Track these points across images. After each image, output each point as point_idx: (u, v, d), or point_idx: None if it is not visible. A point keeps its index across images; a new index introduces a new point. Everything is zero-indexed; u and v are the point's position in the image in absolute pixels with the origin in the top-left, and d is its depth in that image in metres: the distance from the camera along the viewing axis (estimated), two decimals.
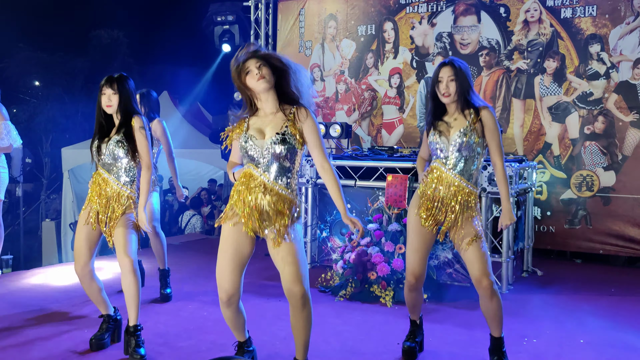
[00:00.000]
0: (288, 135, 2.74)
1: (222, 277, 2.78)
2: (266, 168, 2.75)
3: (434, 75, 3.15)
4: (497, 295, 3.08)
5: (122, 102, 3.37)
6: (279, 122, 2.77)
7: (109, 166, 3.37)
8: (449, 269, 5.08)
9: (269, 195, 2.73)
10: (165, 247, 4.61)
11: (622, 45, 6.23)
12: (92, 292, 3.46)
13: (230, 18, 8.36)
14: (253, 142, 2.76)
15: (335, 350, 3.49)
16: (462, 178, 3.10)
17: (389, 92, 7.50)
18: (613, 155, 6.26)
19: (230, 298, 2.80)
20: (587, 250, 6.36)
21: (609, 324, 4.11)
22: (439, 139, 3.13)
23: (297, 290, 2.69)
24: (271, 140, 2.73)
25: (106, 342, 3.47)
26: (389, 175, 5.09)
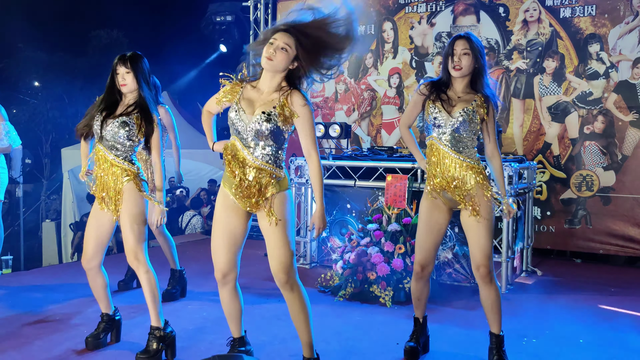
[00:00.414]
0: (274, 115, 2.70)
1: (216, 256, 2.84)
2: (249, 144, 2.74)
3: (447, 47, 3.07)
4: (496, 285, 3.08)
5: (140, 82, 3.29)
6: (271, 101, 2.74)
7: (110, 144, 3.28)
8: (448, 268, 5.07)
9: (252, 171, 2.74)
10: (174, 247, 4.60)
11: (621, 45, 6.23)
12: (96, 287, 3.42)
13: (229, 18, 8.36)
14: (240, 116, 2.74)
15: (334, 350, 3.49)
16: (459, 154, 3.06)
17: (389, 92, 7.50)
18: (613, 155, 6.26)
19: (225, 276, 2.84)
20: (587, 250, 6.36)
21: (609, 324, 4.10)
22: (439, 113, 3.06)
23: (281, 277, 2.74)
24: (257, 117, 2.71)
25: (102, 341, 3.46)
26: (388, 175, 5.09)
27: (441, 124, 3.07)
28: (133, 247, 3.25)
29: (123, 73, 3.29)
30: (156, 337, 3.27)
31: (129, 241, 3.26)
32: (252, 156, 2.74)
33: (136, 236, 3.26)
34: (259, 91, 2.79)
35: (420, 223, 3.20)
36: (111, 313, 3.53)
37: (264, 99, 2.75)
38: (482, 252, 3.04)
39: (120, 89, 3.31)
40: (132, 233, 3.25)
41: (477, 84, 3.07)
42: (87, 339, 3.44)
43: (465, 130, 3.05)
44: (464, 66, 3.01)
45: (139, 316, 4.06)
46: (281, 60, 2.68)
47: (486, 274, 3.05)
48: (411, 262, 4.60)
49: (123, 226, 3.28)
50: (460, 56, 3.00)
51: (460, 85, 3.09)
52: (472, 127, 3.06)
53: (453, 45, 3.03)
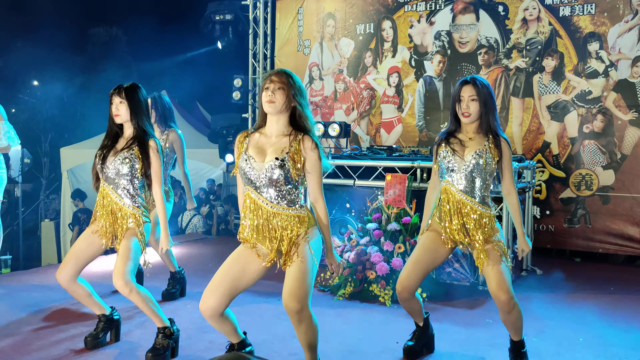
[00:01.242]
0: (287, 161, 2.69)
1: (208, 292, 2.74)
2: (264, 191, 2.73)
3: (455, 93, 3.09)
4: (517, 308, 3.00)
5: (133, 113, 3.30)
6: (281, 146, 2.72)
7: (112, 180, 3.29)
8: (448, 267, 5.07)
9: (272, 218, 2.73)
10: (171, 253, 4.60)
11: (620, 44, 6.23)
12: (80, 297, 3.40)
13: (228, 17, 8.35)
14: (251, 164, 2.73)
15: (334, 350, 3.49)
16: (472, 199, 3.06)
17: (388, 91, 7.50)
18: (612, 154, 6.26)
19: (205, 312, 2.74)
20: (586, 249, 6.36)
21: (608, 323, 4.11)
22: (451, 157, 3.08)
23: (292, 307, 2.61)
24: (270, 164, 2.69)
25: (101, 340, 3.46)
26: (388, 174, 5.09)
27: (455, 167, 3.07)
28: (122, 277, 3.17)
29: (117, 103, 3.31)
30: (165, 335, 3.29)
31: (119, 269, 3.19)
32: (268, 202, 2.72)
33: (129, 268, 3.21)
34: (267, 137, 2.78)
35: (420, 246, 3.17)
36: (108, 313, 3.52)
37: (273, 143, 2.75)
38: (497, 285, 2.96)
39: (114, 119, 3.32)
40: (126, 264, 3.21)
41: (488, 124, 3.07)
42: (86, 338, 3.44)
43: (480, 173, 3.05)
44: (472, 112, 3.03)
45: (138, 316, 4.06)
46: (281, 99, 2.69)
47: (506, 302, 2.94)
48: None
49: (119, 254, 3.25)
50: (468, 103, 3.03)
51: (469, 128, 3.11)
52: (486, 170, 3.06)
53: (460, 92, 3.06)
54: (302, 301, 2.60)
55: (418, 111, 7.29)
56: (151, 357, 3.22)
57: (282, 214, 2.73)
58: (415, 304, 3.28)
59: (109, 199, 3.31)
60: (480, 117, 3.06)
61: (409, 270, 3.12)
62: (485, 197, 3.09)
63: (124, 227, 3.29)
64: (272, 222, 2.73)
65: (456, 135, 3.12)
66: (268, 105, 2.69)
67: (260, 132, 2.81)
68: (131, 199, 3.31)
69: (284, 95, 2.70)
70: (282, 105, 2.70)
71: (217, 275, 2.77)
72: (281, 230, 2.73)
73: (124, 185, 3.29)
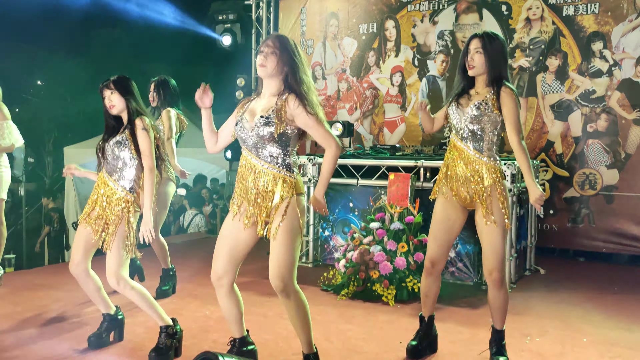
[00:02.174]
0: (272, 118, 2.73)
1: (215, 260, 2.90)
2: (254, 150, 2.78)
3: (464, 47, 3.12)
4: (505, 288, 3.11)
5: (127, 100, 3.31)
6: (268, 105, 2.78)
7: (111, 168, 3.31)
8: (451, 267, 5.06)
9: (259, 178, 2.77)
10: (167, 249, 4.60)
11: (624, 43, 6.21)
12: (89, 291, 3.43)
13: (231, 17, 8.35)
14: (242, 125, 2.80)
15: (337, 349, 3.49)
16: (476, 152, 3.07)
17: (391, 91, 7.49)
18: (616, 153, 6.24)
19: (219, 279, 2.89)
20: (590, 248, 6.34)
21: (613, 323, 4.09)
22: (455, 110, 3.12)
23: (276, 285, 2.73)
24: (256, 122, 2.75)
25: (105, 340, 3.47)
26: (391, 173, 5.08)
27: (457, 120, 3.12)
28: (114, 271, 3.21)
29: (108, 95, 3.32)
30: (168, 334, 3.29)
31: (111, 265, 3.22)
32: (260, 161, 2.77)
33: (119, 261, 3.23)
34: (260, 99, 2.86)
35: (434, 219, 3.21)
36: (112, 313, 3.52)
37: (263, 104, 2.81)
38: (496, 257, 3.04)
39: (110, 111, 3.33)
40: (116, 257, 3.22)
41: (497, 77, 3.06)
42: (89, 338, 3.44)
43: (481, 125, 3.05)
44: (476, 64, 3.05)
45: (141, 316, 4.06)
46: (272, 63, 2.75)
47: (499, 278, 3.05)
48: (414, 261, 4.60)
49: (109, 252, 3.24)
50: (473, 55, 3.05)
51: (479, 82, 3.12)
52: (489, 121, 3.05)
53: (468, 45, 3.09)
54: (285, 279, 2.71)
55: None
56: (154, 357, 3.22)
57: (269, 173, 2.76)
58: (437, 287, 3.32)
59: (103, 185, 3.31)
60: (488, 70, 3.06)
61: (430, 246, 3.21)
62: (488, 150, 3.08)
63: (114, 214, 3.25)
64: (259, 182, 2.77)
65: (468, 91, 3.15)
66: (260, 68, 2.77)
67: (258, 97, 2.89)
68: (127, 185, 3.29)
69: (275, 60, 2.75)
70: (272, 69, 2.76)
71: (216, 250, 2.92)
72: (267, 191, 2.77)
73: (120, 171, 3.29)
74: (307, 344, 2.91)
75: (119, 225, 3.24)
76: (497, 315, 3.18)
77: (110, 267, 3.21)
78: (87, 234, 3.33)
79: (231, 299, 2.94)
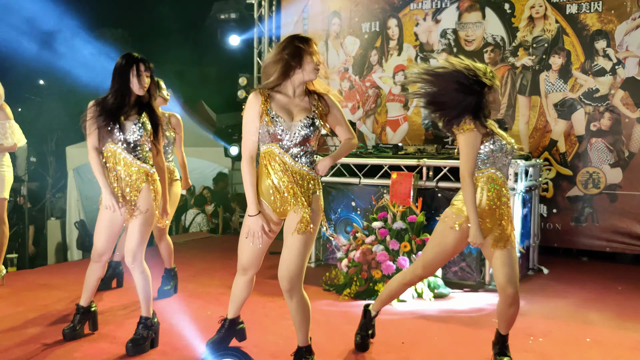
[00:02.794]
0: (316, 119, 2.83)
1: (241, 252, 2.96)
2: (290, 149, 2.81)
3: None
4: (518, 304, 3.04)
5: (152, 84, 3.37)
6: (306, 105, 2.85)
7: (127, 145, 3.31)
8: (454, 267, 5.05)
9: (295, 175, 2.82)
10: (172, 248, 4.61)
11: (628, 41, 6.18)
12: (91, 278, 3.48)
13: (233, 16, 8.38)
14: (280, 123, 2.79)
15: (339, 350, 3.47)
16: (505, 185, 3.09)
17: (393, 90, 7.47)
18: (619, 152, 6.21)
19: (246, 270, 3.01)
20: (594, 248, 6.32)
21: (616, 323, 4.07)
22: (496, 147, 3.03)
23: (283, 285, 2.85)
24: (301, 123, 2.80)
25: (79, 332, 3.53)
26: (393, 172, 5.06)
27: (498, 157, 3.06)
28: (134, 248, 3.29)
29: (144, 74, 3.31)
30: (147, 326, 3.37)
31: (132, 241, 3.29)
32: (293, 159, 2.81)
33: (141, 237, 3.30)
34: (289, 96, 2.86)
35: (438, 248, 3.10)
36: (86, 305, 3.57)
37: (297, 103, 2.85)
38: (506, 277, 2.98)
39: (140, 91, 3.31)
40: (138, 234, 3.30)
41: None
42: (64, 330, 3.49)
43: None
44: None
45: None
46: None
47: (512, 295, 2.98)
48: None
49: (131, 225, 3.31)
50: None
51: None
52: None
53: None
54: (293, 281, 2.82)
55: (424, 110, 7.26)
56: (131, 347, 3.30)
57: (303, 173, 2.84)
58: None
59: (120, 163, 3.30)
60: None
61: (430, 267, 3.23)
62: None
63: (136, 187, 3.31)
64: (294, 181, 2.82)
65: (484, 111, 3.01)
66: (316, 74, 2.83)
67: (278, 91, 2.86)
68: (144, 160, 3.35)
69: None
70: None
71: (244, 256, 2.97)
72: (299, 188, 2.82)
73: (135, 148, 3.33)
74: (302, 338, 2.99)
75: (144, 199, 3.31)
76: (504, 325, 3.15)
77: (130, 243, 3.29)
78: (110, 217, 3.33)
79: (248, 287, 3.10)
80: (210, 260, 6.05)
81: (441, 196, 5.07)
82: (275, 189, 2.83)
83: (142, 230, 3.30)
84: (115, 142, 3.31)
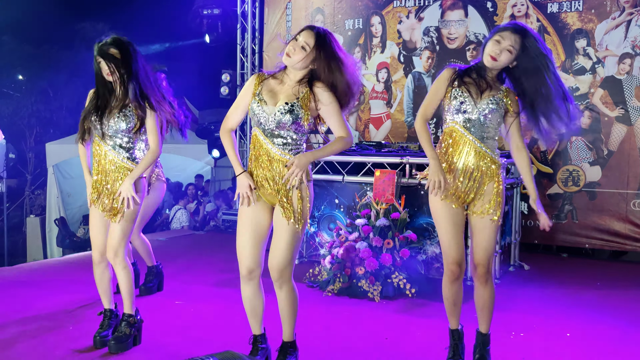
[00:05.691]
0: (297, 107, 2.73)
1: (242, 253, 2.82)
2: (271, 135, 2.77)
3: (494, 31, 2.95)
4: (491, 285, 2.96)
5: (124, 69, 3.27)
6: (294, 92, 2.77)
7: (109, 138, 3.27)
8: (436, 263, 5.08)
9: (274, 164, 2.77)
10: (149, 247, 4.56)
11: (607, 40, 6.26)
12: (103, 282, 3.42)
13: (216, 11, 8.29)
14: (262, 107, 2.76)
15: (323, 346, 3.48)
16: (482, 144, 2.90)
17: (377, 87, 7.49)
18: (599, 150, 6.30)
19: (251, 272, 2.83)
20: (573, 244, 6.41)
21: (595, 318, 4.13)
22: (467, 99, 2.89)
23: (274, 274, 2.80)
24: (279, 108, 2.74)
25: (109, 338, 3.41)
26: (376, 170, 5.08)
27: (467, 109, 2.89)
28: (115, 244, 3.26)
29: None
30: (129, 324, 3.34)
31: (113, 237, 3.26)
32: (275, 146, 2.76)
33: (122, 233, 3.27)
34: (282, 83, 2.82)
35: (441, 221, 2.95)
36: (113, 308, 3.50)
37: (286, 89, 2.79)
38: (485, 252, 2.90)
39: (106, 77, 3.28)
40: (119, 230, 3.26)
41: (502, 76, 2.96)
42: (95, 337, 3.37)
43: (492, 120, 2.90)
44: (501, 62, 2.87)
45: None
46: (298, 58, 2.70)
47: (484, 273, 2.92)
48: (400, 257, 4.60)
49: (112, 227, 3.27)
50: (503, 49, 2.86)
51: (492, 73, 2.95)
52: (498, 118, 2.92)
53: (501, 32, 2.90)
54: (282, 271, 2.78)
55: (407, 107, 7.29)
56: (114, 345, 3.27)
57: (284, 161, 2.76)
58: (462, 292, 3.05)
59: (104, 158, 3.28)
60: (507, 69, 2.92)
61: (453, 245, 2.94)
62: (494, 146, 2.96)
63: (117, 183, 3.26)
64: (274, 168, 2.77)
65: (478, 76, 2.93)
66: (285, 56, 2.72)
67: (276, 77, 2.84)
68: (127, 154, 3.30)
69: (302, 56, 2.71)
70: (298, 64, 2.72)
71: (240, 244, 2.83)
72: (280, 178, 2.76)
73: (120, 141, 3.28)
74: (289, 333, 2.95)
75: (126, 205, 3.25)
76: (483, 315, 3.02)
77: (112, 238, 3.24)
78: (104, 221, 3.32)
79: (259, 293, 2.92)
80: (193, 258, 6.02)
81: (424, 193, 5.10)
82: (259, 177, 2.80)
83: (124, 226, 3.27)
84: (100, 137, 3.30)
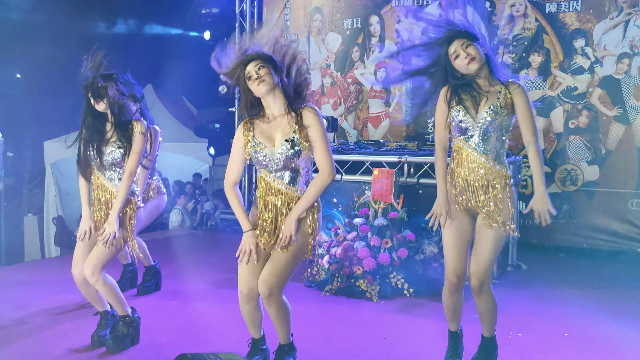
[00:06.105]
0: (297, 141, 2.69)
1: (243, 276, 2.77)
2: (278, 174, 2.75)
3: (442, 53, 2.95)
4: (488, 294, 2.88)
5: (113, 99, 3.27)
6: (287, 126, 2.72)
7: (106, 170, 3.30)
8: (434, 263, 5.07)
9: (284, 199, 2.76)
10: (145, 247, 4.54)
11: (606, 40, 6.27)
12: (90, 293, 3.39)
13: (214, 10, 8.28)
14: (262, 151, 2.72)
15: (321, 346, 3.48)
16: (488, 158, 2.89)
17: (375, 86, 7.48)
18: (597, 149, 6.31)
19: (250, 292, 2.77)
20: (571, 244, 6.41)
21: (593, 317, 4.14)
22: (464, 117, 2.87)
23: (261, 291, 2.70)
24: (281, 147, 2.70)
25: (107, 338, 3.42)
26: (375, 169, 5.08)
27: (468, 126, 2.89)
28: (93, 264, 3.19)
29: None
30: (126, 323, 3.36)
31: (94, 256, 3.21)
32: (284, 184, 2.75)
33: (103, 257, 3.21)
34: (270, 119, 2.76)
35: (446, 230, 2.92)
36: (108, 309, 3.49)
37: (277, 125, 2.74)
38: (481, 265, 2.83)
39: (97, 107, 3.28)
40: (101, 251, 3.21)
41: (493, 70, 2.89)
42: (92, 337, 3.39)
43: (494, 130, 2.88)
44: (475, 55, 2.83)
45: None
46: (268, 75, 2.68)
47: (477, 286, 2.83)
48: (398, 257, 4.60)
49: (99, 241, 3.23)
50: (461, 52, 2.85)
51: (483, 80, 2.88)
52: (501, 123, 2.89)
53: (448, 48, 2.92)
54: (272, 289, 2.68)
55: (405, 106, 7.29)
56: (112, 344, 3.28)
57: (292, 195, 2.76)
58: (462, 300, 3.00)
59: (101, 189, 3.30)
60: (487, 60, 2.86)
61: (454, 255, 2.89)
62: (501, 156, 2.95)
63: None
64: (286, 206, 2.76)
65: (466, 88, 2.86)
66: (260, 87, 2.66)
67: (261, 118, 2.78)
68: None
69: (268, 72, 2.69)
70: (272, 81, 2.69)
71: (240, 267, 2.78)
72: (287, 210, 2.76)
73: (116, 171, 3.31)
74: (284, 337, 2.95)
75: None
76: (481, 321, 2.99)
77: (92, 257, 3.20)
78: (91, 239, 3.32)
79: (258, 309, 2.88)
80: (190, 258, 6.02)
81: (422, 192, 5.10)
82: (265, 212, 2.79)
83: (108, 250, 3.21)
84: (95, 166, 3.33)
